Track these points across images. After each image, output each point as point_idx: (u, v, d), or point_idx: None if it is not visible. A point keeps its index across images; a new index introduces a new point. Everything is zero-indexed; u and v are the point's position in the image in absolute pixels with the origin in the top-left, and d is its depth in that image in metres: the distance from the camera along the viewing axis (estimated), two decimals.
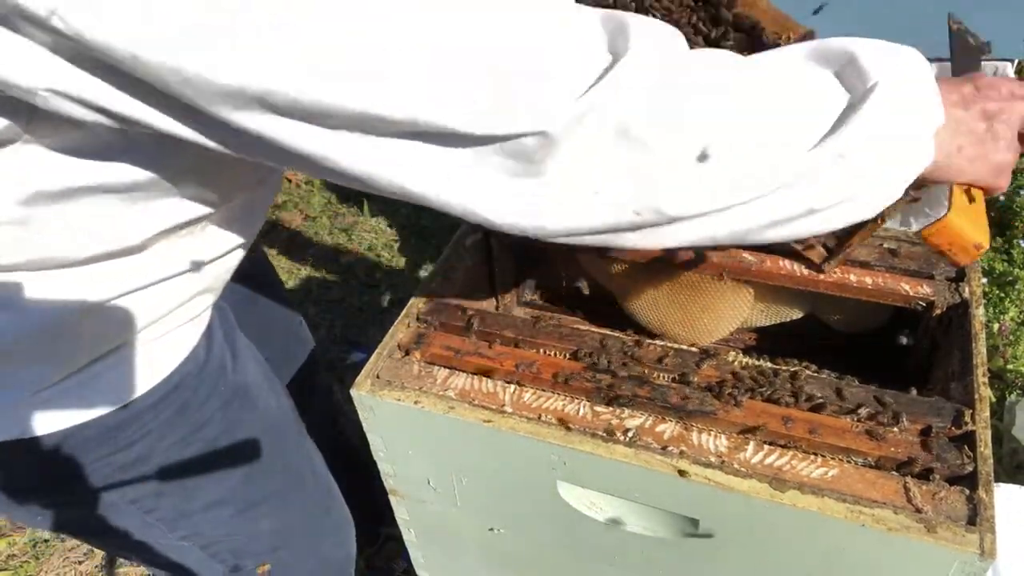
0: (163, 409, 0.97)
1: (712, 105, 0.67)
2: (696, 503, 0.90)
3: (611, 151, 0.66)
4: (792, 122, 0.69)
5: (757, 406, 0.92)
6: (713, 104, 0.68)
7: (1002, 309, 2.30)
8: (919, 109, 0.71)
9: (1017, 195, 2.58)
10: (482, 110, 0.61)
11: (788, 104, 0.70)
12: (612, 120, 0.64)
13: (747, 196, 0.69)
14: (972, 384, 0.93)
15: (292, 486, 1.20)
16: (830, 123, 0.69)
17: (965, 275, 1.08)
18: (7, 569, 2.02)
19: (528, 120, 0.62)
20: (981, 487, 0.81)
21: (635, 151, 0.66)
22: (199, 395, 1.01)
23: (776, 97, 0.70)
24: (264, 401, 1.13)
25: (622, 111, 0.64)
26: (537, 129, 0.62)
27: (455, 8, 0.59)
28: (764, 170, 0.68)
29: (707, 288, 1.19)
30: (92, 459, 0.94)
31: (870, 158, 0.69)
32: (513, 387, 0.99)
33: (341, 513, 1.36)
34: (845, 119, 0.68)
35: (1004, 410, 1.97)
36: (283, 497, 1.18)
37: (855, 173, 0.69)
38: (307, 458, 1.27)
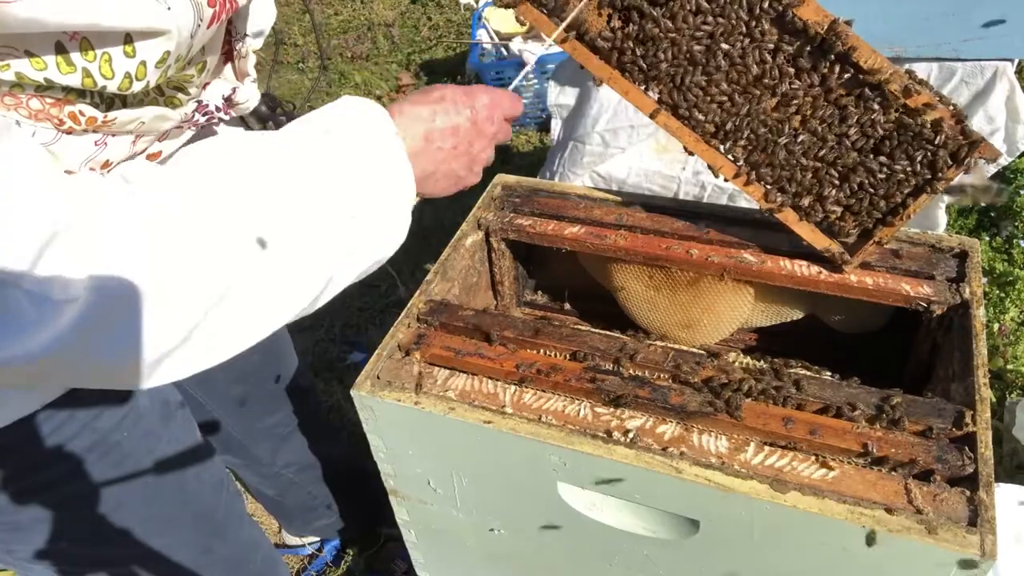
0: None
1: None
2: (696, 504, 0.90)
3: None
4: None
5: (758, 407, 0.92)
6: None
7: (1002, 309, 2.30)
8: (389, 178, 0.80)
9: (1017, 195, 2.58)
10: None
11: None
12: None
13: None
14: (973, 385, 0.92)
15: (159, 533, 1.11)
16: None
17: (966, 276, 1.08)
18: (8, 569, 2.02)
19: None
20: (982, 488, 0.81)
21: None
22: (49, 440, 0.94)
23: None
24: (141, 452, 1.05)
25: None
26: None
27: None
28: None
29: (707, 289, 1.19)
30: None
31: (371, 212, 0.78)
32: (513, 388, 0.99)
33: (229, 550, 1.26)
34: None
35: (1004, 410, 1.97)
36: (148, 542, 1.10)
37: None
38: (187, 502, 1.16)
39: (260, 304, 0.73)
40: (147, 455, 1.06)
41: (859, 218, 1.05)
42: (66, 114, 0.70)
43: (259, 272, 0.71)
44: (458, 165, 0.89)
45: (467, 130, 0.87)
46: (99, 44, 0.67)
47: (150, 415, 1.06)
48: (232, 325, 0.71)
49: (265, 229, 0.71)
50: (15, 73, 0.65)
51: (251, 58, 0.96)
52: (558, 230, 1.23)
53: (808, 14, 0.93)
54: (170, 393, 1.13)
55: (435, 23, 4.36)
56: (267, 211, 0.72)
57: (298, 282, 0.74)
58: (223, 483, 1.23)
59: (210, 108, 0.91)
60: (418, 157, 0.83)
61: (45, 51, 0.65)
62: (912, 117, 0.95)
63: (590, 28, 1.00)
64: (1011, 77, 1.58)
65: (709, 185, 1.90)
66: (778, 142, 1.03)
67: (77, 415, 0.96)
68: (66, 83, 0.67)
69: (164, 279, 0.65)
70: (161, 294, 0.65)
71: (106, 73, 0.69)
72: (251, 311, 0.72)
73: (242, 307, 0.71)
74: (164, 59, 0.73)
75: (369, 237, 0.79)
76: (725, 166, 1.06)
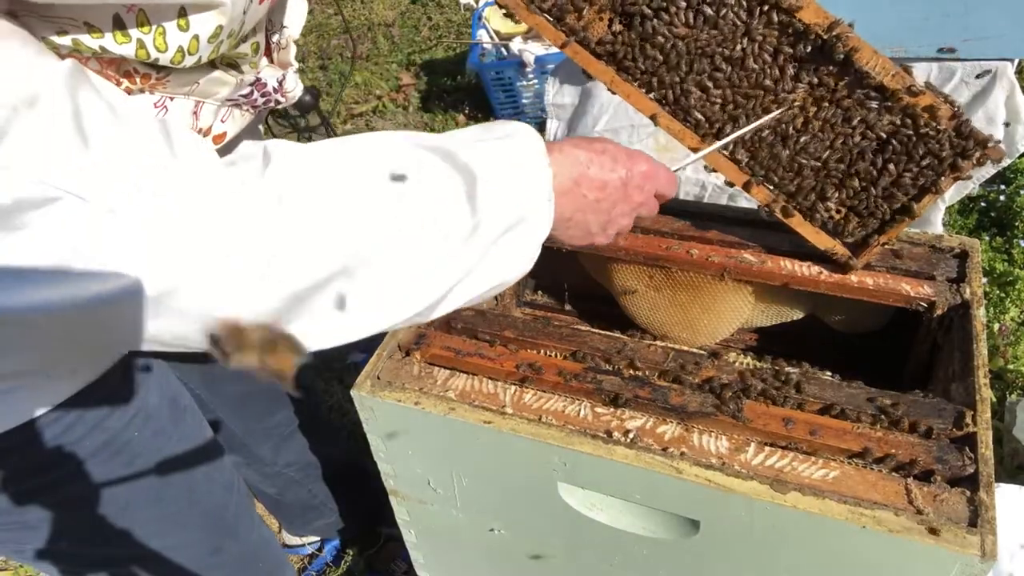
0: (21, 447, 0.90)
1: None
2: (697, 504, 0.90)
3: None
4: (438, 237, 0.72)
5: (758, 407, 0.92)
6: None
7: (1002, 309, 2.30)
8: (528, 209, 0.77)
9: (1017, 195, 2.58)
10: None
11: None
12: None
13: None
14: (973, 385, 0.92)
15: (170, 532, 1.12)
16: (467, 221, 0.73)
17: (966, 276, 1.08)
18: (7, 569, 2.02)
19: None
20: (982, 489, 0.81)
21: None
22: (59, 440, 0.93)
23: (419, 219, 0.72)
24: (151, 451, 1.05)
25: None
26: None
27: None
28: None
29: (708, 289, 1.19)
30: None
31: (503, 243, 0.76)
32: (513, 388, 0.99)
33: (239, 549, 1.25)
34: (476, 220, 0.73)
35: (1004, 410, 1.97)
36: (159, 543, 1.11)
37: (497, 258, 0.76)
38: (198, 502, 1.15)
39: (378, 296, 0.72)
40: (157, 454, 1.06)
41: (863, 219, 1.05)
42: (122, 73, 0.72)
43: (380, 266, 0.70)
44: (594, 219, 0.87)
45: (616, 189, 0.85)
46: (155, 18, 0.69)
47: (160, 414, 1.06)
48: (354, 307, 0.70)
49: (398, 225, 0.70)
50: (72, 40, 0.66)
51: (292, 48, 0.97)
52: None
53: (809, 17, 0.93)
54: (179, 392, 1.13)
55: (435, 23, 4.36)
56: (403, 208, 0.71)
57: (415, 288, 0.73)
58: (233, 483, 1.24)
59: (268, 88, 0.92)
60: (563, 197, 0.81)
61: (104, 24, 0.66)
62: (915, 118, 0.95)
63: (592, 33, 1.00)
64: (1011, 77, 1.58)
65: (709, 185, 1.90)
66: (780, 144, 1.02)
67: (87, 415, 0.96)
68: (121, 52, 0.68)
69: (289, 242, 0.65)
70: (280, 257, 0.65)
71: (160, 46, 0.70)
72: (370, 300, 0.71)
73: (365, 291, 0.70)
74: (216, 34, 0.73)
75: (496, 263, 0.77)
76: (727, 168, 1.06)
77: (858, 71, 0.94)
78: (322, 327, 0.69)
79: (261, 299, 0.65)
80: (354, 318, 0.71)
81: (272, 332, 0.63)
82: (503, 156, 0.76)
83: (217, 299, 0.63)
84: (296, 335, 0.66)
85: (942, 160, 0.96)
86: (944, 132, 0.94)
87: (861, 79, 0.95)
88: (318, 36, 4.41)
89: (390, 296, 0.72)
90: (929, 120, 0.94)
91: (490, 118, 3.50)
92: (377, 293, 0.71)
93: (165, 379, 1.12)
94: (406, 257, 0.70)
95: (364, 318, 0.71)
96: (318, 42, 4.37)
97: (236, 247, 0.63)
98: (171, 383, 1.13)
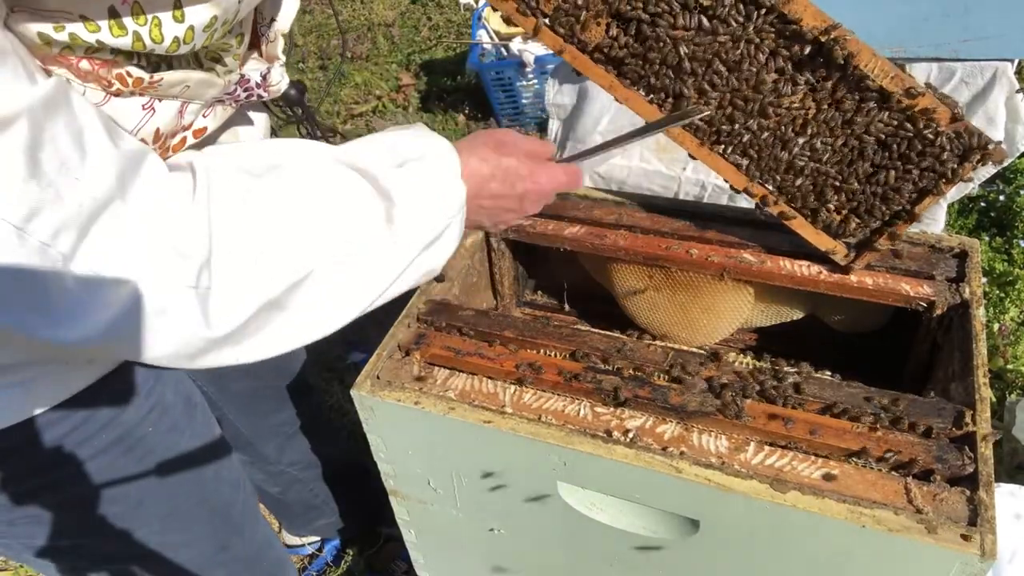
0: (31, 445, 0.90)
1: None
2: (696, 504, 0.90)
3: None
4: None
5: (758, 407, 0.92)
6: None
7: (1002, 309, 2.30)
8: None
9: (1017, 195, 2.58)
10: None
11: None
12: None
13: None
14: (973, 385, 0.92)
15: (179, 530, 1.12)
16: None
17: (966, 276, 1.08)
18: (7, 570, 2.02)
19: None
20: (982, 488, 0.81)
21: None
22: (72, 436, 0.93)
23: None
24: (164, 447, 1.06)
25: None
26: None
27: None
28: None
29: (707, 289, 1.19)
30: None
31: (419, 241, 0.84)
32: (513, 388, 0.99)
33: (244, 548, 1.26)
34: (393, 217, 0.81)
35: (1004, 410, 1.97)
36: (165, 539, 1.11)
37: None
38: (207, 499, 1.16)
39: (330, 299, 0.81)
40: (171, 450, 1.06)
41: (863, 220, 1.05)
42: (114, 75, 0.73)
43: (315, 279, 0.78)
44: (488, 220, 0.98)
45: (510, 200, 0.95)
46: (149, 8, 0.69)
47: (175, 410, 1.07)
48: (301, 314, 0.79)
49: (334, 240, 0.78)
50: (68, 34, 0.67)
51: (279, 42, 0.97)
52: (558, 230, 1.23)
53: (808, 20, 0.92)
54: (192, 389, 1.14)
55: (435, 23, 4.36)
56: (330, 227, 0.78)
57: (349, 298, 0.82)
58: (240, 481, 1.24)
59: (251, 84, 0.93)
60: (468, 201, 0.90)
61: (99, 16, 0.67)
62: (913, 121, 0.95)
63: (589, 37, 1.00)
64: (1011, 77, 1.57)
65: (709, 185, 1.90)
66: (780, 146, 1.02)
67: (102, 409, 0.96)
68: (117, 45, 0.69)
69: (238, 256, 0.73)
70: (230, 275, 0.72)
71: (155, 37, 0.71)
72: (322, 304, 0.80)
73: (313, 298, 0.78)
74: (211, 24, 0.75)
75: (419, 267, 0.86)
76: (727, 170, 1.06)
77: (857, 74, 0.94)
78: (263, 337, 0.77)
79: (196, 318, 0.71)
80: (293, 328, 0.80)
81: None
82: (420, 181, 0.83)
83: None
84: (243, 350, 0.76)
85: (942, 162, 0.96)
86: (943, 134, 0.94)
87: (860, 81, 0.95)
88: (318, 36, 4.41)
89: (327, 306, 0.81)
90: (928, 122, 0.94)
91: (490, 118, 3.50)
92: (314, 304, 0.79)
93: (180, 375, 1.12)
94: (336, 272, 0.78)
95: (304, 327, 0.81)
96: (318, 42, 4.37)
97: (168, 272, 0.68)
98: (185, 380, 1.13)
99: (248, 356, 0.78)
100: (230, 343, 0.75)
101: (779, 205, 1.07)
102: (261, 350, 0.78)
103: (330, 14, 4.53)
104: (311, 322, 0.81)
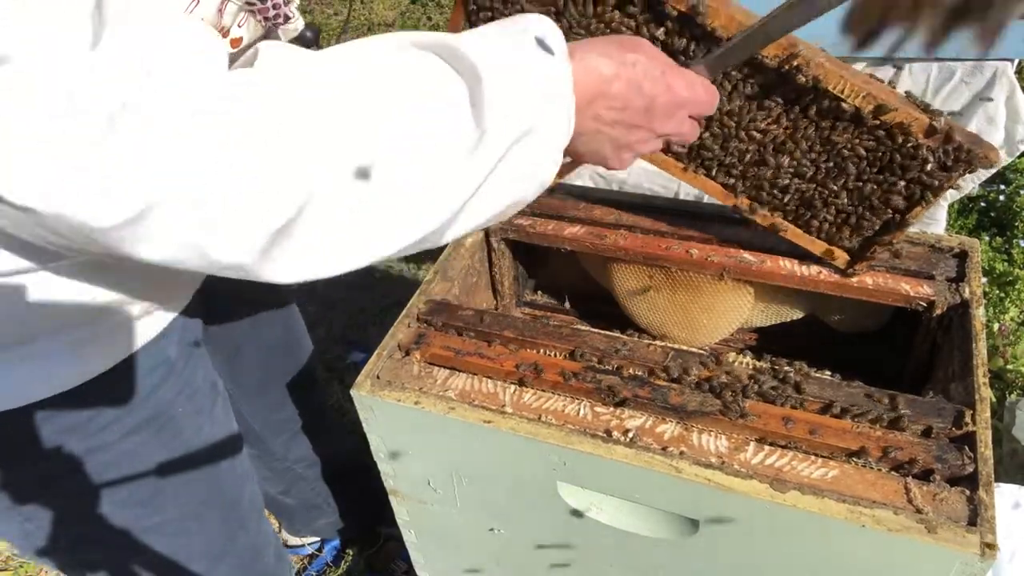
0: (57, 418, 0.89)
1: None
2: (696, 504, 0.90)
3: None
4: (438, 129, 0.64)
5: (758, 407, 0.92)
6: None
7: (1002, 309, 2.30)
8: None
9: (1017, 195, 2.58)
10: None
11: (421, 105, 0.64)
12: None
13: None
14: (973, 384, 0.92)
15: (194, 516, 1.12)
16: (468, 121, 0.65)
17: (965, 275, 1.08)
18: (7, 570, 2.02)
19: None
20: (982, 488, 0.81)
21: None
22: (105, 415, 0.92)
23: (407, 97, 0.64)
24: (191, 429, 1.05)
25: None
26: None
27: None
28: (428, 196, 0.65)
29: (707, 289, 1.19)
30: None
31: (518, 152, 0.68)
32: (513, 388, 0.99)
33: (250, 540, 1.26)
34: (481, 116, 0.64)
35: (1004, 410, 1.97)
36: (181, 525, 1.10)
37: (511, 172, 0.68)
38: (222, 488, 1.17)
39: (380, 214, 0.65)
40: (196, 435, 1.06)
41: (856, 231, 1.05)
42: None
43: (379, 180, 0.63)
44: (609, 142, 0.78)
45: (637, 113, 0.76)
46: None
47: (201, 394, 1.07)
48: (361, 218, 0.64)
49: (396, 137, 0.63)
50: None
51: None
52: (558, 230, 1.23)
53: (769, 49, 0.90)
54: (216, 376, 1.14)
55: (435, 23, 4.36)
56: (400, 120, 0.63)
57: (419, 206, 0.66)
58: (249, 474, 1.25)
59: (280, 1, 0.91)
60: (577, 113, 0.73)
61: None
62: (892, 136, 0.94)
63: None
64: (1011, 77, 1.58)
65: None
66: (762, 166, 1.03)
67: (145, 380, 0.96)
68: None
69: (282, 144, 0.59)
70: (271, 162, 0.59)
71: None
72: (371, 218, 0.65)
73: (378, 199, 0.64)
74: None
75: (508, 178, 0.70)
76: (715, 190, 1.07)
77: (828, 95, 0.93)
78: (327, 243, 0.64)
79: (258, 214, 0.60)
80: (359, 235, 0.65)
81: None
82: (513, 55, 0.66)
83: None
84: (302, 250, 0.62)
85: (928, 174, 0.95)
86: (923, 146, 0.93)
87: (831, 102, 0.93)
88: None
89: (393, 214, 0.65)
90: (906, 136, 0.93)
91: None
92: (378, 210, 0.64)
93: (207, 360, 1.13)
94: (406, 172, 0.64)
95: (369, 236, 0.65)
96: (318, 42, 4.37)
97: (230, 154, 0.57)
98: (210, 365, 1.14)
99: (305, 268, 0.65)
100: (279, 245, 0.62)
101: (770, 218, 1.08)
102: (321, 261, 0.64)
103: (330, 14, 4.53)
104: (374, 231, 0.65)
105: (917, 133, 0.92)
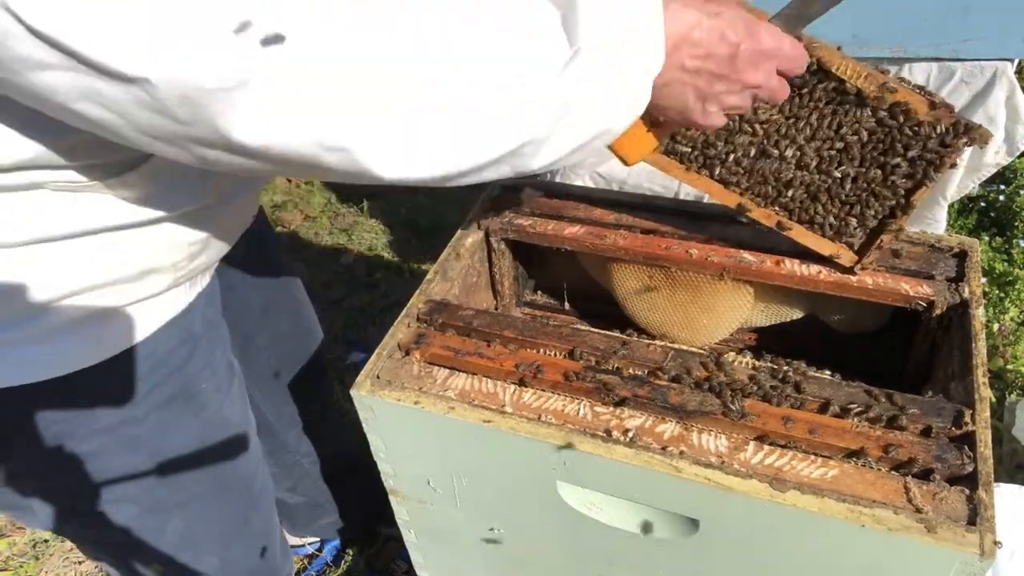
0: (94, 392, 0.90)
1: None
2: (696, 504, 0.90)
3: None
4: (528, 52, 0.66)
5: (757, 406, 0.92)
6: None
7: (1002, 309, 2.30)
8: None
9: (1017, 195, 2.58)
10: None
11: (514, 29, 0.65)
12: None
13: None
14: (972, 384, 0.92)
15: (212, 495, 1.13)
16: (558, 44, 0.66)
17: (965, 275, 1.08)
18: (7, 569, 2.02)
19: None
20: (981, 487, 0.81)
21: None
22: (139, 387, 0.93)
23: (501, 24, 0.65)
24: (214, 406, 1.07)
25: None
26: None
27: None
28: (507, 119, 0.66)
29: (707, 289, 1.19)
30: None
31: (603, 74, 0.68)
32: (513, 387, 0.99)
33: (261, 525, 1.28)
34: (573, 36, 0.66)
35: (1004, 410, 1.97)
36: (201, 503, 1.12)
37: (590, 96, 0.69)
38: (239, 468, 1.18)
39: (470, 121, 0.66)
40: (218, 411, 1.07)
41: (861, 219, 1.06)
42: None
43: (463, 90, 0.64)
44: (692, 92, 0.77)
45: (722, 61, 0.75)
46: None
47: (220, 371, 1.08)
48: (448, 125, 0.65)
49: (484, 57, 0.64)
50: None
51: None
52: (558, 230, 1.23)
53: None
54: (232, 358, 1.15)
55: None
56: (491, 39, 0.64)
57: (524, 108, 0.67)
58: (261, 458, 1.26)
59: None
60: (667, 56, 0.73)
61: None
62: (895, 115, 0.97)
63: None
64: (1011, 77, 1.58)
65: None
66: (763, 157, 1.03)
67: (172, 356, 0.97)
68: None
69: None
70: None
71: None
72: (462, 123, 0.66)
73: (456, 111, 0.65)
74: None
75: (597, 94, 0.70)
76: (719, 192, 1.08)
77: (831, 77, 0.96)
78: (432, 140, 0.65)
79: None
80: (453, 138, 0.66)
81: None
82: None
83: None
84: (405, 139, 0.64)
85: (929, 150, 0.97)
86: (925, 123, 0.96)
87: (835, 84, 0.96)
88: None
89: (485, 119, 0.66)
90: (908, 114, 0.96)
91: None
92: (474, 111, 0.65)
93: (226, 339, 1.14)
94: (501, 78, 0.64)
95: (468, 133, 0.66)
96: None
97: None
98: (227, 345, 1.15)
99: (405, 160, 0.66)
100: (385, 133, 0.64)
101: (775, 216, 1.08)
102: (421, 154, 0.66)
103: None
104: (471, 129, 0.66)
105: (919, 110, 0.95)
